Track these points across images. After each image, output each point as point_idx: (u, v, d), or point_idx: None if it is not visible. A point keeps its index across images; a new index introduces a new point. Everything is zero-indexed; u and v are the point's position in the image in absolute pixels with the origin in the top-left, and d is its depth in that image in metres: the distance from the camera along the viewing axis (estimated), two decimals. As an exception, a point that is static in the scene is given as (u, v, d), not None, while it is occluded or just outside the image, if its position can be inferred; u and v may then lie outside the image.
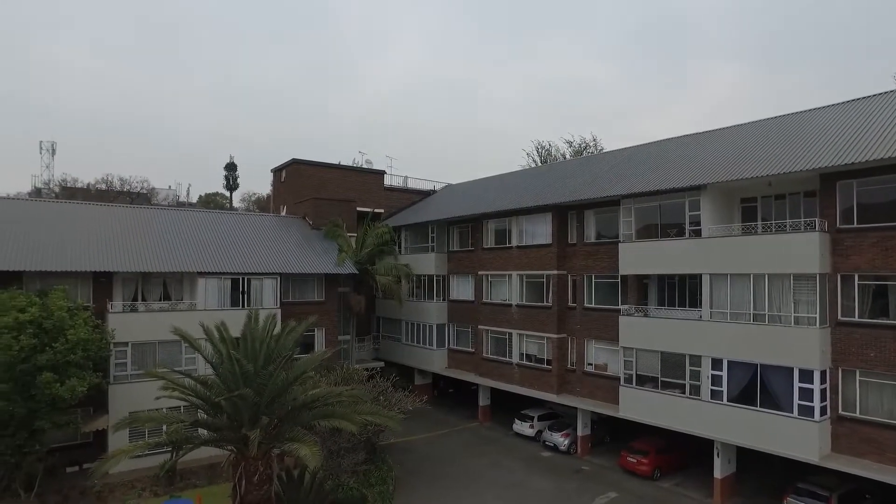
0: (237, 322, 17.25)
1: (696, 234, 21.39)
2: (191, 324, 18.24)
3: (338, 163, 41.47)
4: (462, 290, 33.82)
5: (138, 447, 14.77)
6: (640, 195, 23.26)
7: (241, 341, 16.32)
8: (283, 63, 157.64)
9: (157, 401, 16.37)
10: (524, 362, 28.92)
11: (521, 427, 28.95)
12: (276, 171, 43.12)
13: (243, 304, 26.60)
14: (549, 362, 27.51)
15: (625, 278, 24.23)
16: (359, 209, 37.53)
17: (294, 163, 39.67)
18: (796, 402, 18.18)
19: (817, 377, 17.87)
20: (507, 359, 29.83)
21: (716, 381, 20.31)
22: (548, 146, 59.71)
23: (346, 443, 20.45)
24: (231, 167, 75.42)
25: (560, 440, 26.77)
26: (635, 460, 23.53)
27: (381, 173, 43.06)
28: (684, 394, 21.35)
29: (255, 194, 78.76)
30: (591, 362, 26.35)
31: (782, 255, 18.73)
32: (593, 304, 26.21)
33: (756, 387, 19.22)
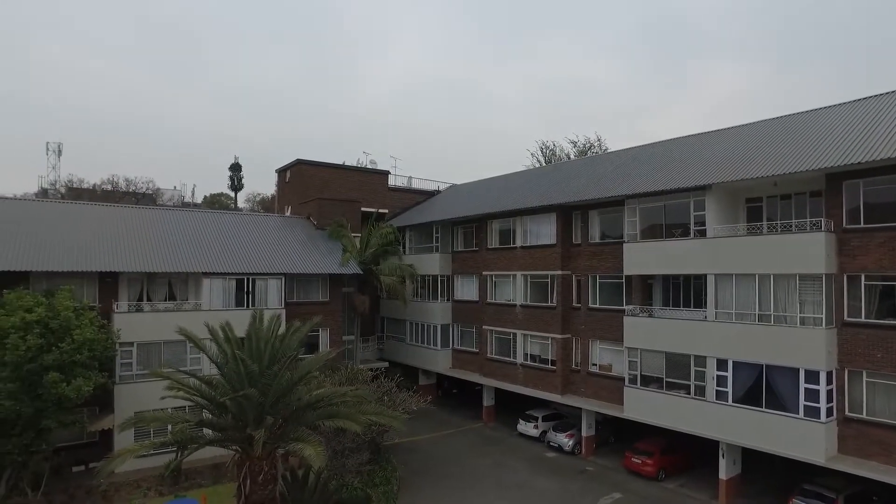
0: (242, 322, 17.38)
1: (701, 234, 21.31)
2: (196, 324, 18.28)
3: (342, 163, 41.46)
4: (466, 290, 33.83)
5: (144, 447, 14.89)
6: (644, 195, 23.21)
7: (246, 341, 16.40)
8: (283, 63, 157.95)
9: (162, 401, 16.43)
10: (528, 363, 28.89)
11: (526, 427, 28.92)
12: (281, 172, 43.16)
13: (248, 305, 26.65)
14: (553, 363, 27.47)
15: (629, 278, 24.18)
16: (363, 209, 37.55)
17: (298, 163, 39.74)
18: (802, 403, 18.10)
19: (823, 378, 17.78)
20: (512, 359, 29.80)
21: (721, 381, 20.23)
22: (552, 146, 59.67)
23: (350, 443, 20.50)
24: (236, 167, 75.50)
25: (564, 441, 26.73)
26: (640, 461, 23.48)
27: (386, 173, 43.07)
28: (689, 394, 21.28)
29: (259, 195, 78.93)
30: (595, 363, 26.30)
31: (788, 256, 18.65)
32: (598, 305, 26.17)
33: (761, 387, 19.13)
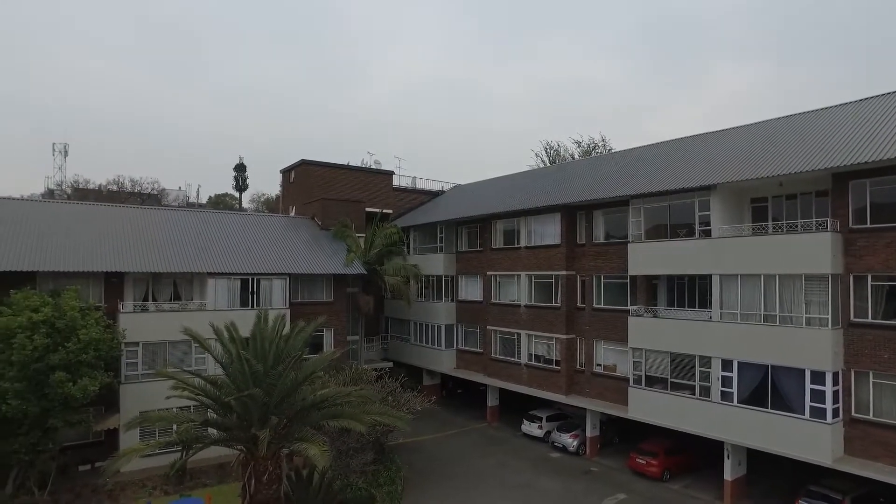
0: (247, 322, 17.43)
1: (706, 234, 21.24)
2: (201, 324, 18.39)
3: (346, 163, 41.48)
4: (471, 290, 33.82)
5: (149, 446, 15.02)
6: (649, 195, 23.14)
7: (251, 341, 16.47)
8: (283, 63, 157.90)
9: (167, 400, 16.53)
10: (533, 363, 28.85)
11: (530, 428, 28.88)
12: (285, 172, 43.22)
13: (253, 305, 26.74)
14: (557, 363, 27.43)
15: (634, 279, 24.12)
16: (367, 209, 37.63)
17: (303, 163, 39.79)
18: (808, 403, 18.00)
19: (829, 379, 17.68)
20: (516, 359, 29.77)
21: (726, 382, 20.15)
22: (556, 146, 59.58)
23: (354, 443, 20.56)
24: (240, 168, 75.64)
25: (569, 441, 26.68)
26: (644, 462, 23.41)
27: (390, 174, 43.08)
28: (694, 395, 21.21)
29: (264, 195, 79.07)
30: (600, 363, 26.24)
31: (793, 256, 18.55)
32: (602, 305, 26.11)
33: (767, 388, 19.04)
